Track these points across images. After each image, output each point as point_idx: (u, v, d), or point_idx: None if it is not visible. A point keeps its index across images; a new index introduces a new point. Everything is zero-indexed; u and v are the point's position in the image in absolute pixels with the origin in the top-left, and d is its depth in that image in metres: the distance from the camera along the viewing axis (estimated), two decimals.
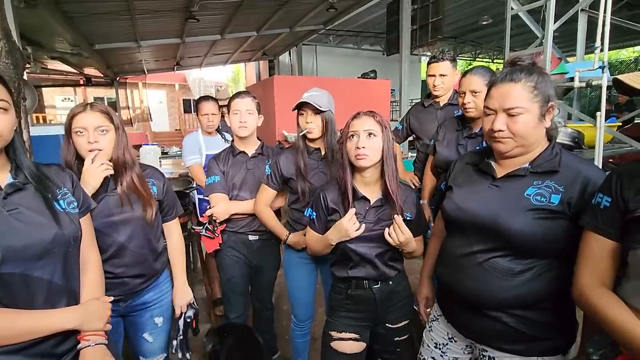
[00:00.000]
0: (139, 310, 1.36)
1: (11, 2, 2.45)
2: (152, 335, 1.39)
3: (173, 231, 1.50)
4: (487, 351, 1.04)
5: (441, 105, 2.12)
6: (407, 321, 1.37)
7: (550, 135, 1.00)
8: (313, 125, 1.55)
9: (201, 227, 1.69)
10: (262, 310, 1.99)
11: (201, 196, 2.45)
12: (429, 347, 1.22)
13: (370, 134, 1.20)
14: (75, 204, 0.96)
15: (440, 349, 1.18)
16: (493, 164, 1.05)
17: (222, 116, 1.63)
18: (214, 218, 1.68)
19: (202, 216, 1.74)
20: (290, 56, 11.03)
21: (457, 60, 2.24)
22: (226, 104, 2.85)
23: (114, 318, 1.27)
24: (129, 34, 6.28)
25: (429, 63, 2.07)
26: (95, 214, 1.15)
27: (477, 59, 14.87)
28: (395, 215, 1.17)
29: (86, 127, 1.18)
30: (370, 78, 7.20)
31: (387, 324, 1.35)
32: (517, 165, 0.99)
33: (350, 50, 12.13)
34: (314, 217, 1.32)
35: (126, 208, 1.26)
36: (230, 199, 1.73)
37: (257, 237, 1.78)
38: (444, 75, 2.03)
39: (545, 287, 0.93)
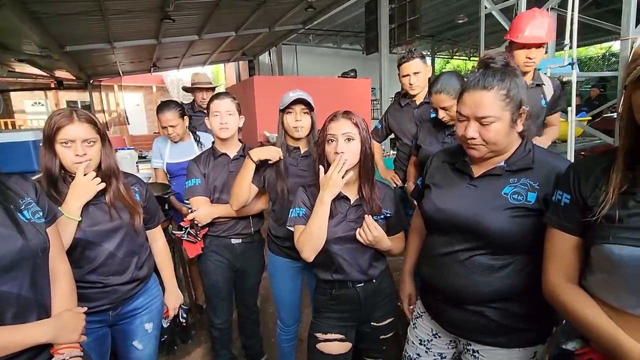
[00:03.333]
0: (128, 318, 1.34)
1: None
2: (142, 342, 1.38)
3: (158, 237, 1.50)
4: (470, 345, 1.06)
5: (417, 104, 2.15)
6: (392, 318, 1.38)
7: (522, 133, 1.02)
8: (303, 123, 1.54)
9: (182, 232, 1.65)
10: (247, 315, 1.96)
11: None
12: (413, 344, 1.23)
13: (348, 138, 1.21)
14: (41, 213, 0.92)
15: (425, 345, 1.19)
16: (469, 162, 1.06)
17: (207, 111, 1.54)
18: (195, 222, 1.64)
19: (183, 220, 1.69)
20: (270, 56, 10.94)
21: (428, 57, 2.28)
22: (206, 87, 2.78)
23: (102, 329, 1.28)
24: (102, 35, 6.07)
25: (399, 64, 2.09)
26: (83, 224, 1.16)
27: (454, 57, 15.19)
28: (365, 215, 1.19)
29: (74, 140, 1.14)
30: (350, 77, 7.22)
31: (372, 323, 1.35)
32: (492, 164, 1.01)
33: (330, 49, 12.17)
34: (302, 213, 1.30)
35: (114, 217, 1.24)
36: (211, 202, 1.70)
37: (240, 241, 1.75)
38: (417, 73, 2.05)
39: (525, 280, 0.96)
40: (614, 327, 0.70)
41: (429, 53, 12.86)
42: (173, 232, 1.81)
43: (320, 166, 1.24)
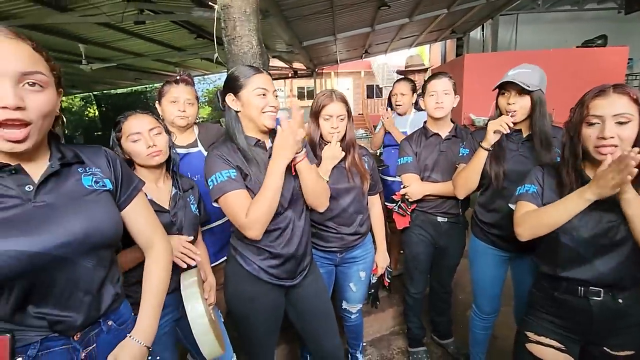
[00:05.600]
0: (349, 263, 1.66)
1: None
2: (357, 286, 1.69)
3: (375, 203, 1.73)
4: None
5: None
6: (635, 352, 1.08)
7: None
8: (516, 106, 1.40)
9: (394, 204, 1.85)
10: (440, 292, 2.02)
11: (383, 176, 2.58)
12: None
13: (621, 121, 0.97)
14: None
15: None
16: None
17: (422, 91, 1.60)
18: (407, 197, 1.79)
19: (394, 194, 1.88)
20: (483, 31, 9.90)
21: None
22: (419, 70, 2.86)
23: (330, 266, 1.62)
24: (329, 29, 7.09)
25: None
26: (329, 182, 1.48)
27: None
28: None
29: (332, 115, 1.49)
30: (596, 46, 5.64)
31: (605, 347, 1.10)
32: None
33: (567, 13, 9.79)
34: (532, 190, 1.17)
35: (350, 179, 1.54)
36: (422, 180, 1.80)
37: (445, 219, 1.80)
38: None
39: None
40: None
41: None
42: (385, 203, 2.02)
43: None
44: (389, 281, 1.79)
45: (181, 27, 4.97)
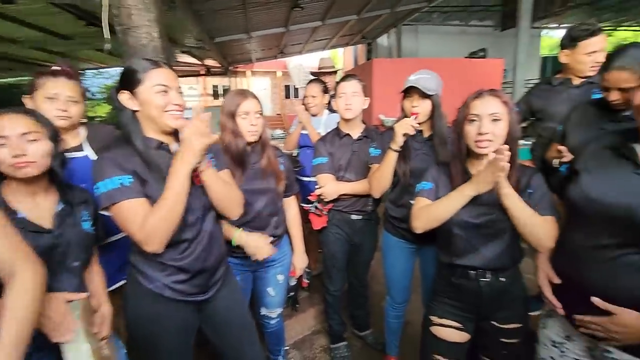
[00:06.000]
0: (266, 267, 1.61)
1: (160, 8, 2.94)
2: (275, 290, 1.64)
3: (292, 205, 1.71)
4: (610, 352, 0.93)
5: (576, 83, 1.85)
6: (520, 325, 1.25)
7: None
8: (419, 109, 1.53)
9: (310, 205, 1.85)
10: (357, 287, 2.10)
11: (299, 177, 2.58)
12: (546, 345, 1.14)
13: (495, 119, 1.13)
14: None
15: (558, 347, 1.09)
16: (638, 149, 0.91)
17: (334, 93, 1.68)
18: (322, 197, 1.81)
19: (310, 195, 1.88)
20: (388, 38, 10.71)
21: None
22: (329, 72, 2.95)
23: (245, 273, 1.54)
24: (242, 26, 6.89)
25: (589, 36, 1.75)
26: (240, 183, 1.40)
27: (619, 28, 12.20)
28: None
29: (248, 112, 1.45)
30: (478, 57, 6.55)
31: (493, 322, 1.26)
32: None
33: (457, 27, 11.17)
34: (428, 187, 1.30)
35: (264, 181, 1.50)
36: (336, 180, 1.83)
37: (360, 217, 1.86)
38: (602, 52, 1.72)
39: None
40: None
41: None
42: (301, 204, 2.02)
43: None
44: (307, 282, 1.80)
45: (65, 11, 4.28)
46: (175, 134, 1.15)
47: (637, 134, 0.93)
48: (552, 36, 16.55)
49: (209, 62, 9.68)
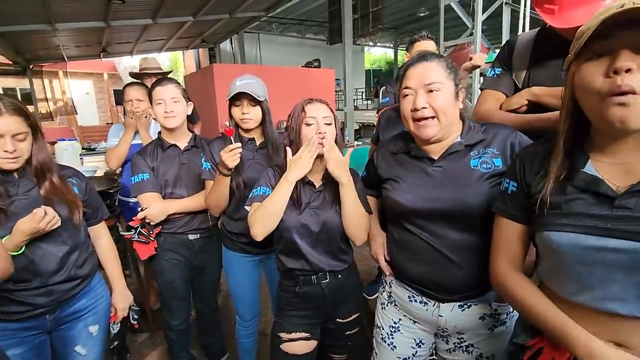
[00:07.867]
0: (69, 322, 1.23)
1: None
2: (86, 347, 1.27)
3: (102, 234, 1.39)
4: (442, 316, 1.05)
5: None
6: (358, 314, 1.36)
7: (462, 115, 1.05)
8: (250, 116, 1.46)
9: (132, 232, 1.52)
10: (206, 313, 1.88)
11: (126, 198, 2.19)
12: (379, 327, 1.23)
13: (327, 122, 1.19)
14: None
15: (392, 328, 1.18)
16: (422, 148, 1.05)
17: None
18: (147, 221, 1.52)
19: (132, 220, 1.56)
20: (231, 44, 10.56)
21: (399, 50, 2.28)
22: (155, 73, 2.58)
23: (39, 337, 1.16)
24: (41, 15, 5.52)
25: (420, 38, 2.12)
26: (15, 220, 1.04)
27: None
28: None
29: (3, 135, 1.03)
30: (314, 67, 7.14)
31: (337, 319, 1.32)
32: (448, 144, 1.01)
33: (294, 39, 11.98)
34: (267, 193, 1.22)
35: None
36: (163, 198, 1.58)
37: (198, 236, 1.66)
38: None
39: None
40: (560, 315, 0.69)
41: (392, 45, 13.04)
42: (122, 232, 1.66)
43: (288, 148, 1.19)
44: (136, 323, 1.47)
45: None
46: None
47: (411, 138, 1.07)
48: (372, 53, 19.73)
49: None
